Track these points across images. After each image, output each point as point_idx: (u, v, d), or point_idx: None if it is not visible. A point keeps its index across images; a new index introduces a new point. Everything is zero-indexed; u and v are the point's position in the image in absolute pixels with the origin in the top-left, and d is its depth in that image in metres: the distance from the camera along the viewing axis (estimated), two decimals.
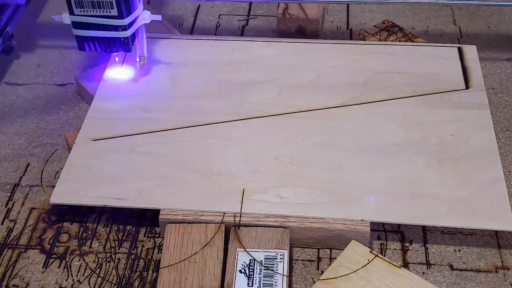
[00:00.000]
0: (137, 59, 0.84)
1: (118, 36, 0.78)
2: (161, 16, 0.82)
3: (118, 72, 0.88)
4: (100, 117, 0.81)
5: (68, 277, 0.68)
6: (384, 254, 0.69)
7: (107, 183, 0.72)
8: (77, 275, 0.68)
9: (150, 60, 0.89)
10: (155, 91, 0.85)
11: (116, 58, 0.88)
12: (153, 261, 0.69)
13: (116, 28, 0.77)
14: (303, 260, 0.69)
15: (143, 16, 0.80)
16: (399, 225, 0.72)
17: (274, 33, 1.01)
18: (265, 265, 0.65)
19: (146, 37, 0.84)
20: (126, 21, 0.77)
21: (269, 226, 0.68)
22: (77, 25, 0.78)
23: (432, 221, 0.68)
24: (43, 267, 0.69)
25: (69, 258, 0.69)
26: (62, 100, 0.90)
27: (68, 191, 0.72)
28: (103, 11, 0.76)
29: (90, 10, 0.76)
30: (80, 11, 0.76)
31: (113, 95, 0.84)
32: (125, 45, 0.79)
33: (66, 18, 0.77)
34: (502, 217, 0.68)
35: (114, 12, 0.75)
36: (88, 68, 0.93)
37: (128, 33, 0.78)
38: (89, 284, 0.67)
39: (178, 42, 0.93)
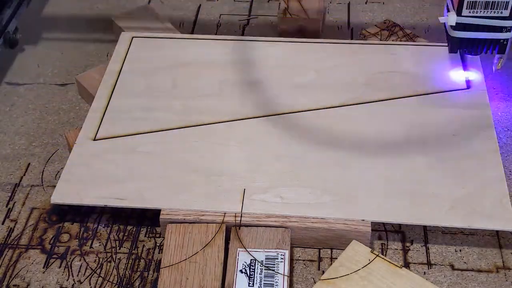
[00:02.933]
0: (495, 61, 0.78)
1: (501, 38, 0.73)
2: None
3: (463, 75, 0.85)
4: (100, 117, 0.81)
5: (68, 277, 0.68)
6: (385, 254, 0.69)
7: (107, 183, 0.72)
8: (77, 275, 0.68)
9: (150, 59, 0.89)
10: (156, 91, 0.85)
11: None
12: (154, 261, 0.69)
13: (500, 29, 0.72)
14: (304, 260, 0.69)
15: None
16: (400, 225, 0.72)
17: (275, 33, 1.01)
18: (266, 265, 0.65)
19: (147, 37, 0.83)
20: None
21: (270, 226, 0.68)
22: (460, 26, 0.72)
23: (433, 221, 0.68)
24: (43, 267, 0.69)
25: (70, 258, 0.69)
26: (63, 100, 0.90)
27: (68, 191, 0.72)
28: (495, 12, 0.71)
29: (481, 11, 0.71)
30: (470, 12, 0.71)
31: (114, 95, 0.84)
32: (502, 47, 0.74)
33: (452, 20, 0.72)
34: (503, 217, 0.68)
35: (506, 12, 0.71)
36: (89, 68, 0.93)
37: (510, 34, 0.73)
38: (89, 284, 0.67)
39: (179, 42, 0.93)
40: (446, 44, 0.91)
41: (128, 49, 0.92)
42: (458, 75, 0.85)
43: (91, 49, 1.00)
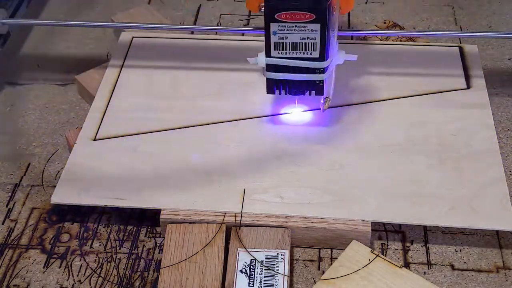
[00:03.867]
0: (321, 101, 0.76)
1: (313, 79, 0.72)
2: (356, 56, 0.74)
3: (295, 115, 0.81)
4: (100, 117, 0.81)
5: (69, 277, 0.68)
6: (385, 254, 0.69)
7: (108, 183, 0.72)
8: (78, 275, 0.68)
9: (150, 59, 0.89)
10: (156, 91, 0.85)
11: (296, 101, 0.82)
12: (154, 261, 0.69)
13: (313, 70, 0.71)
14: (304, 260, 0.69)
15: (338, 56, 0.74)
16: (400, 225, 0.72)
17: None
18: (266, 265, 0.65)
19: (147, 37, 0.82)
20: (325, 64, 0.70)
21: (270, 226, 0.68)
22: (271, 68, 0.71)
23: (433, 221, 0.68)
24: (44, 267, 0.69)
25: (70, 258, 0.69)
26: (63, 100, 0.90)
27: (69, 191, 0.72)
28: (304, 53, 0.70)
29: (290, 52, 0.70)
30: (278, 53, 0.70)
31: (114, 95, 0.84)
32: (318, 88, 0.73)
33: (262, 61, 0.71)
34: (503, 217, 0.68)
35: (316, 54, 0.70)
36: (89, 68, 0.93)
37: (324, 76, 0.71)
38: (90, 284, 0.67)
39: (179, 42, 0.93)
40: (446, 44, 0.91)
41: (128, 49, 0.92)
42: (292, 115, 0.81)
43: (91, 49, 1.00)
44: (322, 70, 0.71)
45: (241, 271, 0.65)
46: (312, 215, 0.68)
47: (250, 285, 0.63)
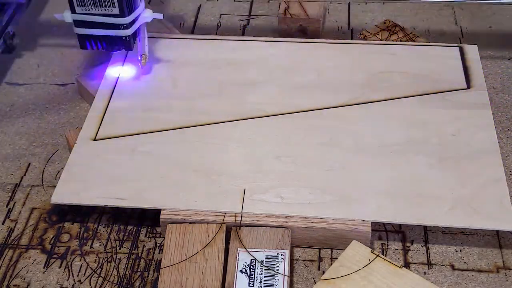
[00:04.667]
0: (139, 58, 0.83)
1: (120, 35, 0.78)
2: (162, 14, 0.82)
3: (119, 71, 0.87)
4: (101, 117, 0.81)
5: (69, 277, 0.68)
6: (385, 254, 0.69)
7: (108, 183, 0.72)
8: (78, 275, 0.68)
9: (151, 59, 0.89)
10: (156, 91, 0.85)
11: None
12: (154, 261, 0.69)
13: (117, 26, 0.77)
14: (304, 260, 0.69)
15: (145, 14, 0.80)
16: (400, 225, 0.72)
17: (275, 33, 1.01)
18: (266, 265, 0.65)
19: (148, 37, 0.84)
20: (127, 20, 0.77)
21: (270, 226, 0.68)
22: (78, 23, 0.77)
23: (433, 221, 0.68)
24: (44, 267, 0.69)
25: (70, 258, 0.69)
26: (63, 100, 0.90)
27: (69, 191, 0.72)
28: (105, 9, 0.75)
29: (92, 9, 0.75)
30: (82, 10, 0.75)
31: (114, 95, 0.84)
32: (127, 44, 0.79)
33: (68, 17, 0.77)
34: (503, 217, 0.68)
35: (116, 10, 0.75)
36: (89, 68, 0.93)
37: (129, 31, 0.78)
38: (90, 284, 0.67)
39: (179, 42, 0.93)
40: (446, 44, 0.91)
41: None
42: (115, 70, 0.88)
43: None
44: (126, 26, 0.76)
45: (241, 271, 0.65)
46: (312, 215, 0.68)
47: (250, 285, 0.63)
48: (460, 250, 0.69)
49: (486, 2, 1.02)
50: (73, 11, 0.76)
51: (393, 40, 0.94)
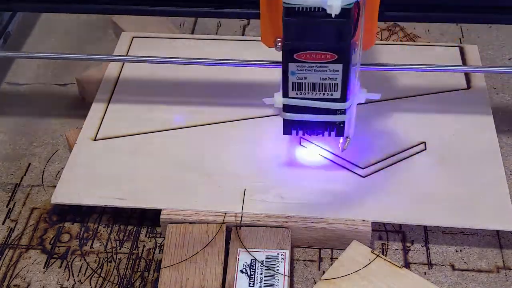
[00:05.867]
0: (340, 140, 0.71)
1: (334, 120, 0.66)
2: (380, 95, 0.68)
3: (307, 154, 0.77)
4: (101, 117, 0.81)
5: (69, 277, 0.68)
6: (386, 254, 0.69)
7: (108, 183, 0.72)
8: (78, 275, 0.68)
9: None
10: (156, 91, 0.85)
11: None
12: (154, 261, 0.69)
13: (333, 111, 0.65)
14: (304, 260, 0.69)
15: (360, 96, 0.68)
16: (400, 225, 0.72)
17: None
18: (266, 265, 0.65)
19: (148, 37, 0.83)
20: (346, 105, 0.64)
21: (270, 226, 0.68)
22: (289, 108, 0.66)
23: (434, 221, 0.68)
24: (44, 267, 0.69)
25: (70, 258, 0.69)
26: (63, 100, 0.90)
27: (69, 191, 0.72)
28: (324, 94, 0.64)
29: (309, 93, 0.64)
30: (297, 94, 0.64)
31: (114, 95, 0.84)
32: (339, 130, 0.67)
33: (279, 101, 0.66)
34: (503, 217, 0.68)
35: (337, 94, 0.64)
36: (90, 68, 0.93)
37: (345, 116, 0.65)
38: (90, 284, 0.67)
39: (179, 42, 0.93)
40: (447, 44, 0.91)
41: (128, 49, 0.92)
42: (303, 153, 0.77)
43: (91, 49, 1.00)
44: (343, 111, 0.65)
45: (241, 271, 0.65)
46: (312, 215, 0.68)
47: (250, 285, 0.63)
48: (461, 250, 0.69)
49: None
50: (285, 95, 0.65)
51: (393, 40, 0.94)
